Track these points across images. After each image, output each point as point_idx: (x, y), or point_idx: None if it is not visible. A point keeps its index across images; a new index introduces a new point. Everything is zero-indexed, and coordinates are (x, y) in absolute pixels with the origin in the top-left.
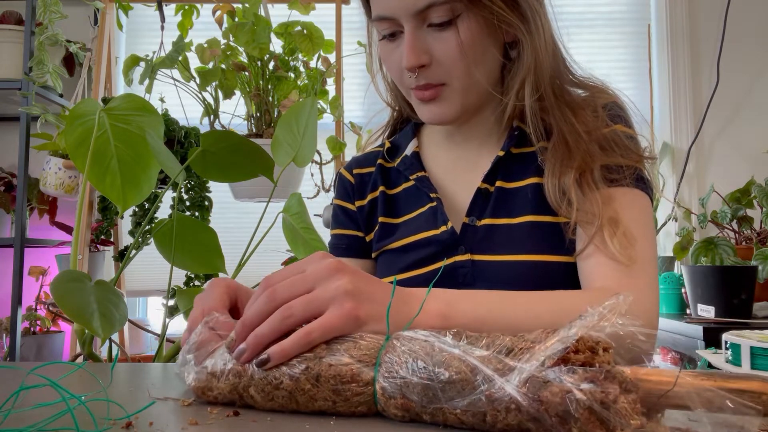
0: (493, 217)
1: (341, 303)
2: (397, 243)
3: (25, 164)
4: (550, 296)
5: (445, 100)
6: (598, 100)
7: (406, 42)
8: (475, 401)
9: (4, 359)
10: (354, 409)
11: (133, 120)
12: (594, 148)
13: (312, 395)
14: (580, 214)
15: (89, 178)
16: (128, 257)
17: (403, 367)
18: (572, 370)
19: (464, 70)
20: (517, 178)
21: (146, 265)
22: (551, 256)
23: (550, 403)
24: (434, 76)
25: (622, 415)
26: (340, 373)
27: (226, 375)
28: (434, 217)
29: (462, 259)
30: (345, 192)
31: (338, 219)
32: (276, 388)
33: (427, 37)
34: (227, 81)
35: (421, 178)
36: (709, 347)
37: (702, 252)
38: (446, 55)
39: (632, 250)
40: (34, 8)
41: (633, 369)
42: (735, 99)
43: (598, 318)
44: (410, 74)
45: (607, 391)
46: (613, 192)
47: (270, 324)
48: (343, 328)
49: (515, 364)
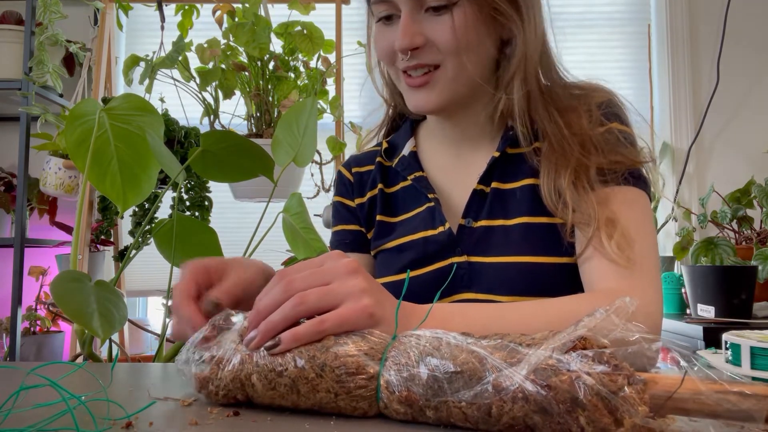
0: (489, 218)
1: (358, 299)
2: (394, 242)
3: (25, 164)
4: (548, 305)
5: (434, 88)
6: (592, 99)
7: (402, 23)
8: (481, 392)
9: (4, 359)
10: (355, 405)
11: (133, 120)
12: (589, 148)
13: (315, 385)
14: (576, 215)
15: (89, 178)
16: (128, 257)
17: (410, 359)
18: (583, 355)
19: (456, 55)
20: (513, 179)
21: (146, 265)
22: (547, 257)
23: (558, 389)
24: (426, 57)
25: (630, 403)
26: (346, 364)
27: (231, 363)
28: (432, 218)
29: (459, 261)
30: (345, 189)
31: (340, 215)
32: (279, 376)
33: (423, 20)
34: (227, 81)
35: (419, 178)
36: (709, 347)
37: (702, 252)
38: (440, 37)
39: (631, 251)
40: (34, 8)
41: (638, 373)
42: (735, 99)
43: (604, 319)
44: (402, 56)
45: (615, 378)
46: (609, 192)
47: (282, 312)
48: (356, 323)
49: (525, 351)
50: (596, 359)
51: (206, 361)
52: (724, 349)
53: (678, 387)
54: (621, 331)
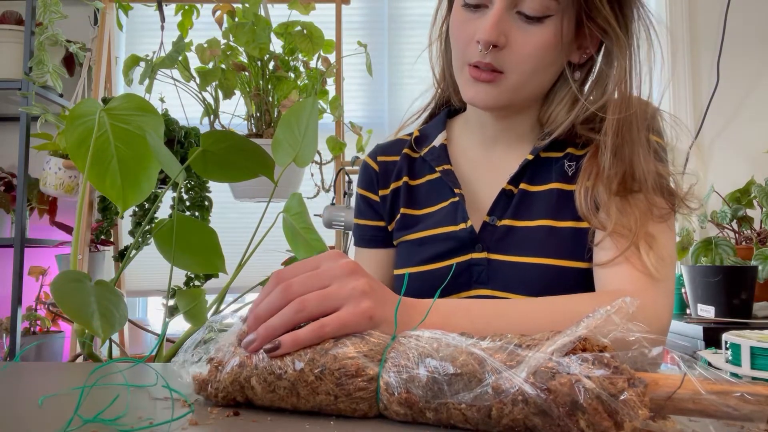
0: (513, 218)
1: (358, 302)
2: (416, 234)
3: (25, 164)
4: (554, 302)
5: (496, 88)
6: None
7: (492, 17)
8: (481, 394)
9: (4, 359)
10: (355, 407)
11: (133, 120)
12: (635, 160)
13: (314, 388)
14: (616, 225)
15: (89, 178)
16: (128, 257)
17: (409, 360)
18: (583, 358)
19: (528, 70)
20: (541, 182)
21: (146, 265)
22: (566, 261)
23: (558, 393)
24: (500, 61)
25: (630, 407)
26: (345, 366)
27: (230, 365)
28: (455, 213)
29: (478, 257)
30: (369, 181)
31: (361, 209)
32: (279, 378)
33: (511, 22)
34: (227, 81)
35: (447, 171)
36: (709, 347)
37: (702, 252)
38: (522, 47)
39: (662, 266)
40: (34, 8)
41: (639, 373)
42: (735, 99)
43: (604, 319)
44: (481, 49)
45: (616, 381)
46: (644, 202)
47: (282, 317)
48: (356, 326)
49: (524, 353)
50: (597, 362)
51: (204, 363)
52: (724, 349)
53: (678, 388)
54: (621, 330)
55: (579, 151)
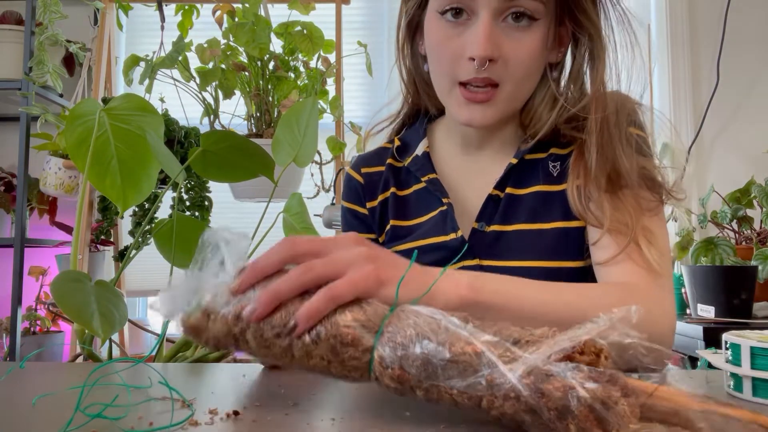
0: (502, 223)
1: (362, 265)
2: (407, 245)
3: (25, 164)
4: (577, 287)
5: (492, 106)
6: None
7: (482, 30)
8: (474, 384)
9: (4, 359)
10: (347, 373)
11: (133, 120)
12: (620, 155)
13: (309, 351)
14: (612, 222)
15: (89, 178)
16: (128, 257)
17: (406, 338)
18: (578, 367)
19: (521, 77)
20: (526, 185)
21: (146, 265)
22: (558, 261)
23: (550, 397)
24: (496, 73)
25: (621, 417)
26: (341, 335)
27: (223, 315)
28: (444, 223)
29: (470, 265)
30: (355, 194)
31: (349, 222)
32: (276, 337)
33: (500, 31)
34: (227, 81)
35: (433, 180)
36: (709, 347)
37: (702, 252)
38: (514, 55)
39: (662, 260)
40: (34, 8)
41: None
42: (735, 99)
43: (608, 326)
44: (477, 66)
45: (610, 392)
46: (634, 197)
47: (287, 280)
48: (365, 288)
49: (521, 353)
50: (593, 371)
51: (196, 311)
52: (724, 349)
53: (652, 392)
54: (619, 335)
55: (562, 150)
